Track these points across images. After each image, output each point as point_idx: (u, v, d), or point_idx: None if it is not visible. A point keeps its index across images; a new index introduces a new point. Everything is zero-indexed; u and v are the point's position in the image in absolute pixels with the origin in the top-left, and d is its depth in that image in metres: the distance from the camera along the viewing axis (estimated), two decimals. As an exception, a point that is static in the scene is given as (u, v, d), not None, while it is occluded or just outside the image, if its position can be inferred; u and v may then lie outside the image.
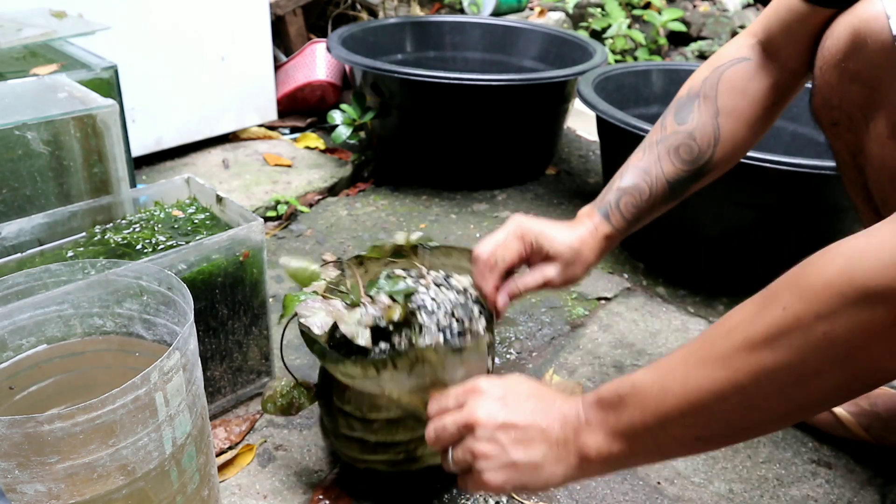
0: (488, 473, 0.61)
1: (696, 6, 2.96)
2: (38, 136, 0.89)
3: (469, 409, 0.64)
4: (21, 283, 0.66)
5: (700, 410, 0.52)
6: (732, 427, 0.53)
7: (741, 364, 0.49)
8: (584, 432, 0.59)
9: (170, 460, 0.59)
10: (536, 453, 0.60)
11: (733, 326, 0.51)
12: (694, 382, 0.52)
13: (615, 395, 0.58)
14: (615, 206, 0.86)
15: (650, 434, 0.56)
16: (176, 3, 1.57)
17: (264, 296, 0.92)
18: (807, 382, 0.47)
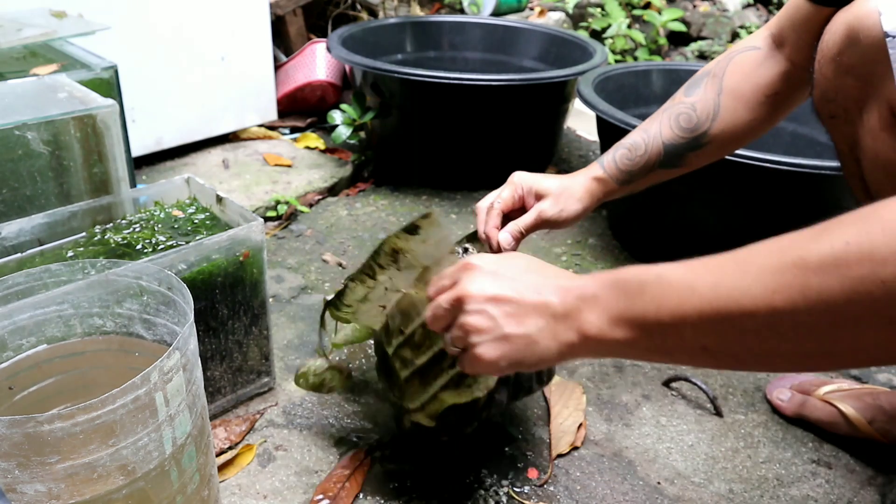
0: (480, 347, 0.60)
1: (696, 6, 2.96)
2: (38, 136, 0.89)
3: (460, 284, 0.62)
4: (21, 283, 0.66)
5: (722, 320, 0.49)
6: (746, 348, 0.50)
7: (784, 282, 0.46)
8: (589, 309, 0.57)
9: (170, 460, 0.59)
10: (531, 326, 0.59)
11: (785, 245, 0.48)
12: (726, 289, 0.49)
13: (636, 280, 0.55)
14: (611, 156, 0.95)
15: (660, 330, 0.53)
16: (176, 3, 1.57)
17: (264, 296, 0.92)
18: (843, 326, 0.44)
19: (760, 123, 0.90)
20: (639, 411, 0.99)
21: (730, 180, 1.16)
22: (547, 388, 1.01)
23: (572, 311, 0.58)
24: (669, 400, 1.02)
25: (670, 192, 1.04)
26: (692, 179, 0.98)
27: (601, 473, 0.88)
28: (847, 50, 0.69)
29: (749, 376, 1.07)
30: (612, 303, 0.56)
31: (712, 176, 1.06)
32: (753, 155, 1.08)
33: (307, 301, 1.21)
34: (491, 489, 0.85)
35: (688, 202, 1.25)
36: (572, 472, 0.88)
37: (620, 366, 1.08)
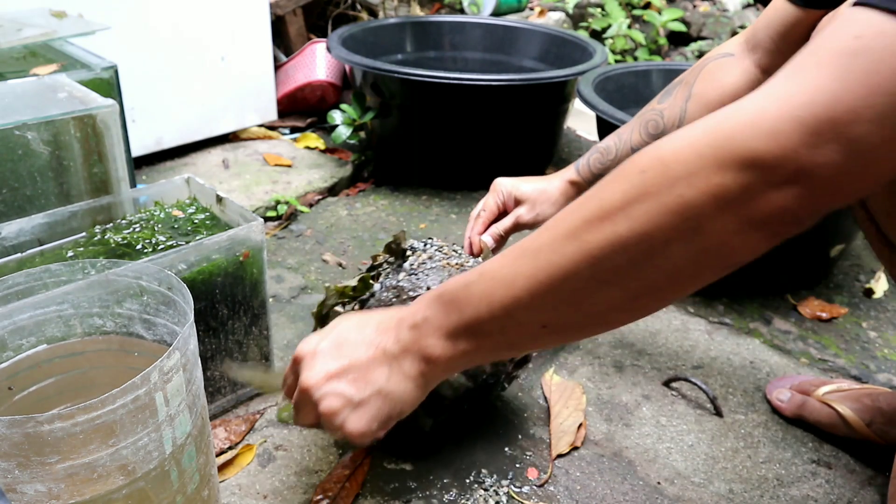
0: (347, 424, 0.59)
1: (696, 6, 2.96)
2: (38, 136, 0.89)
3: (300, 379, 0.62)
4: (21, 283, 0.66)
5: (550, 290, 0.49)
6: (581, 311, 0.50)
7: (593, 234, 0.47)
8: (425, 334, 0.56)
9: (170, 460, 0.59)
10: (379, 380, 0.58)
11: (587, 197, 0.49)
12: (545, 259, 0.49)
13: (461, 286, 0.54)
14: (587, 160, 1.00)
15: (498, 325, 0.52)
16: (176, 3, 1.57)
17: (264, 296, 0.92)
18: (657, 253, 0.45)
19: None
20: (639, 411, 0.99)
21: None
22: (547, 387, 1.01)
23: (409, 344, 0.57)
24: (669, 400, 1.02)
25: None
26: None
27: (601, 473, 0.88)
28: None
29: (749, 376, 1.07)
30: (443, 318, 0.55)
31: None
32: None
33: (307, 301, 1.21)
34: (491, 489, 0.85)
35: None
36: (572, 472, 0.88)
37: (620, 366, 1.08)
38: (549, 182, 1.02)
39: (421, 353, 0.57)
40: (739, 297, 1.25)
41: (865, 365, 1.11)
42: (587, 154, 1.01)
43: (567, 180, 1.01)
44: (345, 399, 0.59)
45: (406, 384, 0.58)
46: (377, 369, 0.58)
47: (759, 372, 1.08)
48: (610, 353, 1.11)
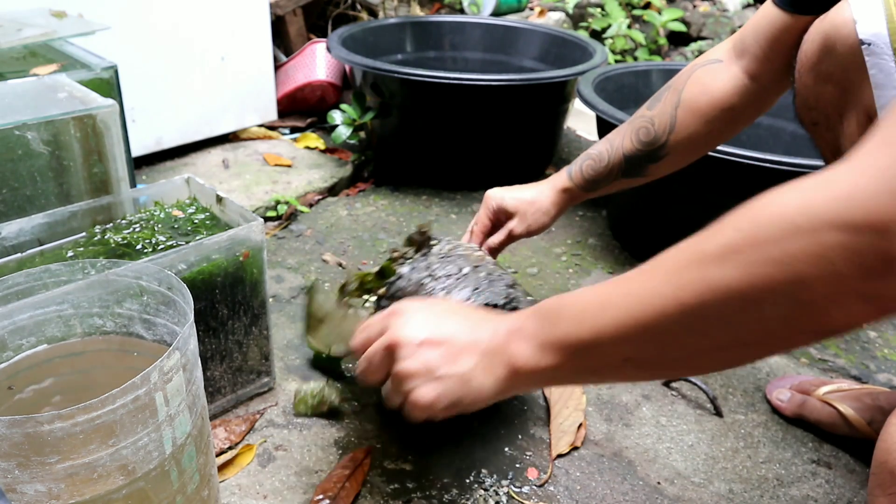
0: (418, 391, 0.60)
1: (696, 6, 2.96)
2: (38, 136, 0.89)
3: (390, 332, 0.63)
4: (21, 283, 0.66)
5: (637, 326, 0.50)
6: (665, 352, 0.50)
7: (688, 278, 0.47)
8: (516, 342, 0.58)
9: (170, 460, 0.59)
10: (464, 365, 0.59)
11: (685, 245, 0.49)
12: (636, 296, 0.50)
13: (557, 304, 0.56)
14: (579, 166, 1.01)
15: (583, 349, 0.54)
16: (176, 3, 1.57)
17: (264, 296, 0.92)
18: (750, 309, 0.45)
19: (717, 135, 0.93)
20: (639, 411, 0.99)
21: (730, 180, 1.16)
22: (547, 388, 1.01)
23: (501, 346, 0.59)
24: (669, 400, 1.02)
25: (670, 192, 1.04)
26: (692, 180, 0.98)
27: (601, 473, 0.88)
28: (825, 58, 0.70)
29: (749, 376, 1.07)
30: (536, 330, 0.57)
31: (712, 176, 1.06)
32: (753, 155, 1.08)
33: (307, 301, 1.21)
34: (491, 489, 0.85)
35: (688, 202, 1.25)
36: (572, 472, 0.88)
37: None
38: (539, 191, 1.03)
39: (510, 357, 0.58)
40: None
41: (865, 365, 1.11)
42: (579, 160, 1.02)
43: (559, 189, 1.02)
44: (428, 368, 0.60)
45: (487, 380, 0.59)
46: (467, 356, 0.59)
47: (759, 372, 1.08)
48: (610, 353, 1.11)
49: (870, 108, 0.67)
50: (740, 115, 0.90)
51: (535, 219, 1.02)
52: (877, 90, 0.65)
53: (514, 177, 1.69)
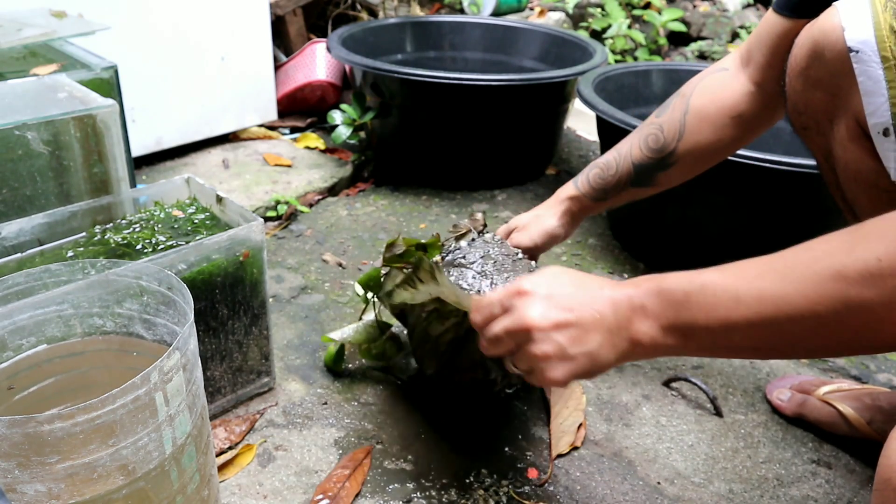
0: (550, 371, 0.63)
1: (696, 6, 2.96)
2: (39, 136, 0.89)
3: (520, 314, 0.64)
4: (21, 283, 0.66)
5: (768, 326, 0.53)
6: (793, 346, 0.55)
7: (826, 293, 0.50)
8: (639, 319, 0.61)
9: (170, 460, 0.59)
10: (592, 343, 0.62)
11: (821, 255, 0.52)
12: (771, 299, 0.53)
13: (681, 290, 0.59)
14: (586, 175, 1.01)
15: (710, 335, 0.57)
16: (176, 3, 1.57)
17: (264, 296, 0.92)
18: (884, 326, 0.49)
19: (727, 144, 0.93)
20: (639, 411, 0.99)
21: (730, 180, 1.16)
22: (547, 388, 1.01)
23: (624, 322, 0.61)
24: (669, 400, 1.02)
25: (670, 192, 1.04)
26: (692, 180, 0.98)
27: (601, 473, 0.88)
28: (814, 64, 0.71)
29: (749, 376, 1.07)
30: (660, 312, 0.60)
31: (712, 176, 1.06)
32: (753, 155, 1.08)
33: (307, 301, 1.21)
34: (491, 489, 0.85)
35: (688, 202, 1.25)
36: (572, 472, 0.88)
37: (620, 366, 1.08)
38: (545, 206, 1.04)
39: (632, 334, 0.61)
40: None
41: (865, 365, 1.11)
42: (586, 170, 1.01)
43: (563, 197, 1.02)
44: (560, 350, 0.62)
45: (611, 354, 0.62)
46: (594, 333, 0.62)
47: (759, 372, 1.08)
48: (610, 353, 1.11)
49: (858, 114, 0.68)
50: (750, 123, 0.90)
51: (539, 229, 1.01)
52: (865, 97, 0.66)
53: (515, 177, 1.70)
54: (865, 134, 0.68)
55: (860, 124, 0.68)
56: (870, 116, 0.66)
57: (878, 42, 0.64)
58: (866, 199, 0.74)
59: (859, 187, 0.73)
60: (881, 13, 0.64)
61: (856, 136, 0.70)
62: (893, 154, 0.66)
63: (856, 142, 0.70)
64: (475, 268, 0.88)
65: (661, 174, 0.95)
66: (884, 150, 0.67)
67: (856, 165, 0.72)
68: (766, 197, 1.17)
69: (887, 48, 0.63)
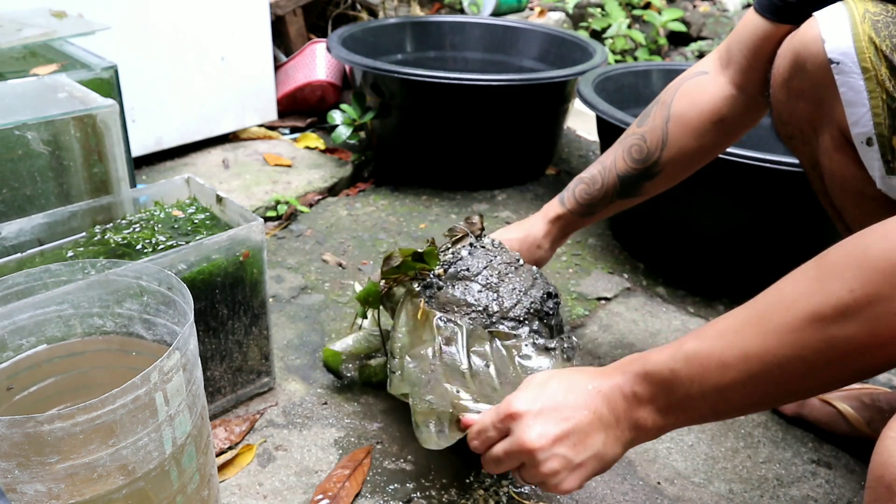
0: (563, 483, 0.64)
1: (696, 6, 2.96)
2: (38, 136, 0.89)
3: (518, 438, 0.64)
4: (21, 283, 0.66)
5: (760, 382, 0.54)
6: (790, 392, 0.55)
7: (809, 337, 0.50)
8: (636, 408, 0.61)
9: (170, 460, 0.59)
10: (596, 444, 0.62)
11: (794, 299, 0.52)
12: (756, 355, 0.53)
13: (667, 369, 0.59)
14: (571, 191, 1.00)
15: (708, 405, 0.57)
16: (176, 3, 1.57)
17: (264, 296, 0.92)
18: (873, 353, 0.49)
19: (710, 148, 0.92)
20: (639, 411, 0.99)
21: (729, 180, 1.16)
22: None
23: (622, 414, 0.62)
24: (669, 400, 1.02)
25: (670, 192, 1.04)
26: (692, 180, 0.98)
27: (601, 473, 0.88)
28: (796, 75, 0.71)
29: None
30: (652, 396, 0.60)
31: (712, 176, 1.06)
32: (753, 155, 1.08)
33: (307, 301, 1.21)
34: (491, 489, 0.85)
35: (687, 202, 1.25)
36: (572, 472, 0.88)
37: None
38: (530, 225, 1.02)
39: (633, 423, 0.62)
40: (740, 298, 1.25)
41: (865, 365, 1.11)
42: (571, 185, 1.00)
43: (550, 218, 1.01)
44: (566, 461, 0.63)
45: (616, 447, 0.63)
46: (595, 434, 0.62)
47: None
48: (610, 353, 1.11)
49: (842, 125, 0.68)
50: (731, 126, 0.89)
51: (529, 255, 1.00)
52: (847, 108, 0.66)
53: (515, 177, 1.70)
54: (850, 143, 0.69)
55: (844, 134, 0.69)
56: (853, 126, 0.67)
57: (857, 53, 0.64)
58: (854, 207, 0.74)
59: (846, 195, 0.74)
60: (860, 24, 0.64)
61: (840, 146, 0.70)
62: (878, 163, 0.66)
63: (841, 151, 0.71)
64: (480, 280, 0.87)
65: (647, 183, 0.95)
66: (868, 159, 0.67)
67: (842, 174, 0.72)
68: (766, 197, 1.17)
69: (867, 59, 0.64)
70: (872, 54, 0.63)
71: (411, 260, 0.89)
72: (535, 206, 1.59)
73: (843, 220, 0.78)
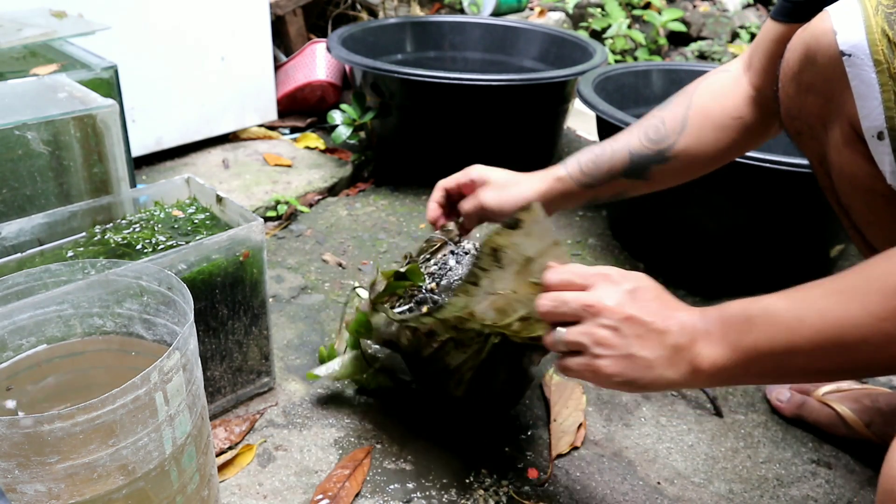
0: (605, 360, 0.63)
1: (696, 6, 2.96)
2: (39, 136, 0.89)
3: (598, 293, 0.64)
4: (21, 283, 0.66)
5: (834, 346, 0.53)
6: (860, 365, 0.55)
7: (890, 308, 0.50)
8: (702, 343, 0.61)
9: (170, 460, 0.59)
10: (653, 351, 0.62)
11: (883, 272, 0.52)
12: (835, 319, 0.53)
13: (743, 314, 0.59)
14: (576, 159, 0.96)
15: (773, 359, 0.57)
16: (176, 3, 1.57)
17: (264, 296, 0.92)
18: None
19: (727, 146, 0.92)
20: (639, 411, 0.99)
21: (730, 180, 1.16)
22: (547, 387, 1.01)
23: (688, 343, 0.62)
24: (669, 400, 1.02)
25: (670, 192, 1.04)
26: (692, 180, 0.98)
27: (601, 473, 0.88)
28: (806, 69, 0.71)
29: (749, 376, 1.07)
30: (722, 336, 0.60)
31: (712, 176, 1.05)
32: (753, 155, 1.08)
33: (307, 301, 1.21)
34: (491, 489, 0.85)
35: (688, 202, 1.25)
36: (572, 472, 0.88)
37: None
38: (527, 175, 0.97)
39: (695, 355, 0.61)
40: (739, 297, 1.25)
41: (865, 365, 1.11)
42: (577, 154, 0.97)
43: (551, 176, 0.96)
44: (624, 343, 0.62)
45: (667, 371, 0.62)
46: (658, 343, 0.62)
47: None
48: (610, 353, 1.11)
49: (852, 119, 0.68)
50: (750, 127, 0.90)
51: (510, 195, 0.94)
52: (858, 101, 0.66)
53: (514, 177, 1.70)
54: (860, 138, 0.68)
55: (854, 128, 0.68)
56: (863, 120, 0.66)
57: (870, 46, 0.64)
58: (862, 203, 0.74)
59: (855, 191, 0.73)
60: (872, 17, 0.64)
61: (850, 140, 0.70)
62: (888, 157, 0.66)
63: (850, 146, 0.70)
64: None
65: (656, 167, 0.93)
66: (879, 153, 0.67)
67: (850, 169, 0.72)
68: (766, 197, 1.17)
69: (879, 52, 0.63)
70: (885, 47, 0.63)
71: (394, 280, 0.88)
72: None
73: (849, 218, 0.78)
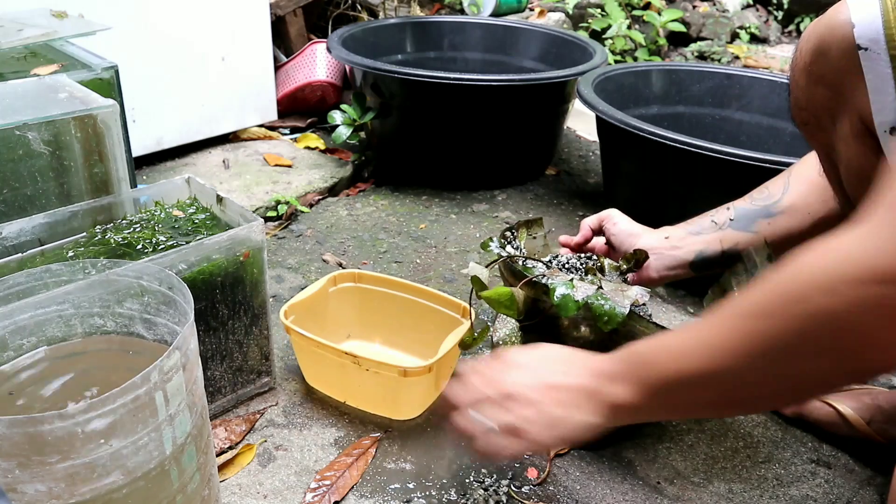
0: (532, 433, 0.66)
1: (696, 6, 2.97)
2: (39, 136, 0.89)
3: (506, 379, 0.68)
4: (22, 283, 0.66)
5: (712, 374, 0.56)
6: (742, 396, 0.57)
7: (745, 328, 0.53)
8: (613, 383, 0.64)
9: (170, 460, 0.59)
10: (573, 407, 0.65)
11: (739, 299, 0.56)
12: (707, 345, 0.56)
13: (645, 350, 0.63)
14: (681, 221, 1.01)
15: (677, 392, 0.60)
16: (176, 3, 1.57)
17: (264, 296, 0.92)
18: (795, 357, 0.51)
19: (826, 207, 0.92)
20: (638, 411, 0.99)
21: (730, 180, 1.16)
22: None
23: (601, 388, 0.65)
24: (669, 400, 1.02)
25: (670, 192, 1.04)
26: (692, 179, 0.98)
27: (601, 473, 0.88)
28: (818, 60, 0.71)
29: (749, 376, 1.07)
30: (631, 373, 0.63)
31: (712, 176, 1.06)
32: (753, 155, 1.08)
33: (307, 301, 1.21)
34: (491, 489, 0.85)
35: (688, 202, 1.25)
36: (572, 472, 0.88)
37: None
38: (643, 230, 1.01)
39: (610, 398, 0.64)
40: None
41: (865, 365, 1.11)
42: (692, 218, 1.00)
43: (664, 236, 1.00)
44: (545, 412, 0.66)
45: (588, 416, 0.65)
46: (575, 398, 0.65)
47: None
48: (610, 353, 1.11)
49: (863, 113, 0.67)
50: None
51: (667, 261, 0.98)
52: (872, 95, 0.65)
53: (515, 177, 1.70)
54: (870, 132, 0.68)
55: (864, 122, 0.68)
56: (876, 114, 0.66)
57: (887, 40, 0.63)
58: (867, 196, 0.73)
59: (862, 185, 0.73)
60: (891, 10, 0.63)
61: (860, 134, 0.70)
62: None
63: (859, 139, 0.70)
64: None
65: (762, 221, 0.95)
66: (890, 149, 0.67)
67: (859, 163, 0.71)
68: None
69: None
70: None
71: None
72: (535, 205, 1.59)
73: (855, 209, 0.78)
